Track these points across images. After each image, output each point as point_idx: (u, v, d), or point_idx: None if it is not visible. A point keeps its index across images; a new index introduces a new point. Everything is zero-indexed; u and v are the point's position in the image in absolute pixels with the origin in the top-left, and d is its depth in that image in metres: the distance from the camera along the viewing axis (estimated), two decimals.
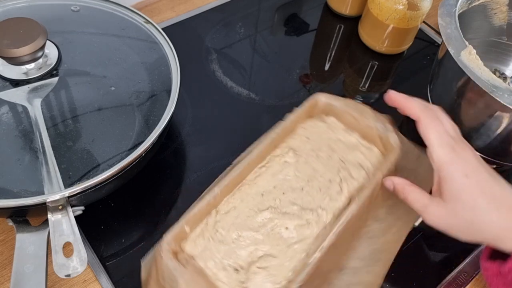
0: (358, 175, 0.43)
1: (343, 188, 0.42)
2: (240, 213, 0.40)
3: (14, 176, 0.38)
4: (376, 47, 0.62)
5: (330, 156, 0.44)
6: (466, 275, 0.45)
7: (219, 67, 0.59)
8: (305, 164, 0.43)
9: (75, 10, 0.50)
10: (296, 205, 0.41)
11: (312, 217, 0.40)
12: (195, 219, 0.38)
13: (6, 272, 0.41)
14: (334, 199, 0.42)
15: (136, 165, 0.40)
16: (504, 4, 0.53)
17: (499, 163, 0.49)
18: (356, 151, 0.45)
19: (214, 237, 0.38)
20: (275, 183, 0.42)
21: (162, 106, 0.43)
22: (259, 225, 0.40)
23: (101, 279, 0.41)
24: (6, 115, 0.41)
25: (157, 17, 0.64)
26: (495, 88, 0.39)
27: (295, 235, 0.39)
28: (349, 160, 0.44)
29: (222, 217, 0.39)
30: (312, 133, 0.46)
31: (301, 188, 0.42)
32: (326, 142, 0.45)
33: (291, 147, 0.44)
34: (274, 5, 0.68)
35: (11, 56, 0.41)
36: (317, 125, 0.46)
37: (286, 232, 0.40)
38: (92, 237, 0.43)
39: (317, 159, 0.44)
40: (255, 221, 0.40)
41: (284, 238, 0.39)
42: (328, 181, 0.43)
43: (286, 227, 0.40)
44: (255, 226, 0.39)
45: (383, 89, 0.60)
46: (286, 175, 0.43)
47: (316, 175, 0.43)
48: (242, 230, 0.39)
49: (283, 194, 0.41)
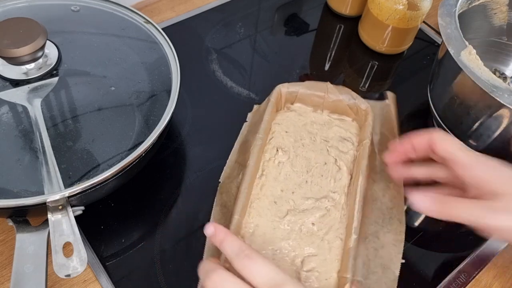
0: (346, 148, 0.45)
1: (340, 165, 0.44)
2: (265, 228, 0.40)
3: (14, 176, 0.38)
4: (376, 47, 0.62)
5: (313, 140, 0.46)
6: (466, 275, 0.45)
7: (219, 67, 0.59)
8: (296, 157, 0.44)
9: (75, 10, 0.50)
10: (310, 198, 0.42)
11: (328, 204, 0.42)
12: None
13: (6, 272, 0.41)
14: (338, 179, 0.43)
15: (136, 165, 0.40)
16: (504, 4, 0.53)
17: None
18: (333, 127, 0.47)
19: None
20: (281, 187, 0.43)
21: (162, 106, 0.43)
22: (288, 232, 0.40)
23: (101, 279, 0.41)
24: (6, 115, 0.41)
25: (157, 17, 0.64)
26: (495, 88, 0.39)
27: (322, 226, 0.40)
28: (331, 137, 0.46)
29: (250, 240, 0.40)
30: (287, 125, 0.47)
31: (305, 181, 0.43)
32: (304, 129, 0.47)
33: (277, 146, 0.45)
34: (274, 5, 0.68)
35: (11, 56, 0.41)
36: (288, 116, 0.48)
37: (314, 227, 0.41)
38: (92, 237, 0.43)
39: (304, 148, 0.45)
40: (281, 229, 0.40)
41: (315, 233, 0.40)
42: (324, 164, 0.44)
43: (312, 222, 0.41)
44: (285, 235, 0.40)
45: (383, 89, 0.60)
46: (286, 175, 0.43)
47: (311, 164, 0.44)
48: (274, 244, 0.39)
49: (292, 193, 0.42)
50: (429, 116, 0.56)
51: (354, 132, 0.47)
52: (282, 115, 0.48)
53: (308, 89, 0.48)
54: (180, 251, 0.43)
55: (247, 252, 0.32)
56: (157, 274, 0.42)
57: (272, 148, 0.45)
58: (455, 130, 0.49)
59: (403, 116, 0.57)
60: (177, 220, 0.45)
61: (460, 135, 0.48)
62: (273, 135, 0.46)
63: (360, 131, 0.47)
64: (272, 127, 0.47)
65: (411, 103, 0.58)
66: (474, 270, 0.45)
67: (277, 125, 0.47)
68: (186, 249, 0.43)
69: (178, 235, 0.44)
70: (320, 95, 0.47)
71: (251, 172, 0.41)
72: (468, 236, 0.47)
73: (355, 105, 0.47)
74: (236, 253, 0.32)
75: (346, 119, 0.48)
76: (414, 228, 0.47)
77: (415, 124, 0.57)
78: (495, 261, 0.46)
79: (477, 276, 0.45)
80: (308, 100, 0.48)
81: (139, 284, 0.41)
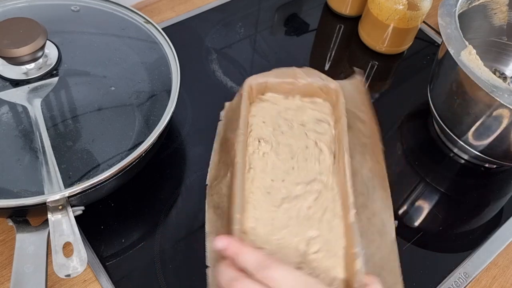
0: (323, 129, 0.46)
1: (321, 147, 0.45)
2: (264, 220, 0.40)
3: (14, 176, 0.38)
4: (376, 47, 0.62)
5: (290, 126, 0.46)
6: (466, 275, 0.45)
7: (219, 67, 0.59)
8: (279, 145, 0.45)
9: (75, 10, 0.50)
10: (300, 183, 0.43)
11: (319, 186, 0.43)
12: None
13: (6, 272, 0.41)
14: (322, 160, 0.44)
15: (136, 165, 0.40)
16: (504, 4, 0.53)
17: (499, 163, 0.49)
18: (307, 110, 0.48)
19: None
20: (270, 177, 0.43)
21: (162, 106, 0.43)
22: (286, 220, 0.41)
23: (101, 279, 0.41)
24: (6, 115, 0.41)
25: (157, 17, 0.64)
26: (495, 88, 0.39)
27: (317, 208, 0.41)
28: (306, 120, 0.47)
29: (253, 234, 0.40)
30: (263, 116, 0.47)
31: (292, 167, 0.44)
32: (279, 117, 0.47)
33: (258, 137, 0.46)
34: (274, 5, 0.68)
35: (11, 56, 0.41)
36: (262, 106, 0.48)
37: (310, 210, 0.41)
38: (92, 237, 0.43)
39: (284, 135, 0.46)
40: (280, 218, 0.41)
41: (312, 216, 0.41)
42: (306, 148, 0.45)
43: (307, 206, 0.41)
44: (284, 223, 0.40)
45: (383, 89, 0.60)
46: (273, 164, 0.44)
47: (294, 149, 0.45)
48: (277, 234, 0.40)
49: (283, 181, 0.43)
50: (429, 116, 0.56)
51: (327, 112, 0.48)
52: (256, 106, 0.48)
53: (277, 77, 0.49)
54: (180, 251, 0.43)
55: (267, 262, 0.31)
56: (157, 274, 0.42)
57: (254, 140, 0.45)
58: (455, 130, 0.49)
59: (403, 116, 0.57)
60: (177, 220, 0.45)
61: (460, 135, 0.48)
62: (252, 128, 0.46)
63: (334, 110, 0.48)
64: (249, 119, 0.47)
65: (411, 103, 0.58)
66: (474, 270, 0.45)
67: (253, 117, 0.47)
68: (186, 249, 0.43)
69: (178, 235, 0.44)
70: (290, 81, 0.48)
71: (241, 169, 0.42)
72: (468, 236, 0.48)
73: (325, 86, 0.48)
74: (255, 266, 0.31)
75: (317, 100, 0.49)
76: (414, 228, 0.47)
77: (415, 124, 0.57)
78: (495, 261, 0.46)
79: (477, 276, 0.45)
80: (279, 88, 0.49)
81: (139, 284, 0.41)
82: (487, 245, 0.47)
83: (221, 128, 0.51)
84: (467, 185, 0.52)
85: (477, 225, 0.49)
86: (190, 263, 0.42)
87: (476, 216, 0.49)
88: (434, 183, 0.51)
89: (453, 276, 0.44)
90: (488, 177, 0.52)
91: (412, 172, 0.52)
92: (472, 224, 0.49)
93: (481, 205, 0.50)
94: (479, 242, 0.47)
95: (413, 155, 0.53)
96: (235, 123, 0.46)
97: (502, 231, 0.48)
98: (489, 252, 0.46)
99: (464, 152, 0.52)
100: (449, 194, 0.51)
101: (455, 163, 0.53)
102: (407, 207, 0.49)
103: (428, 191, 0.51)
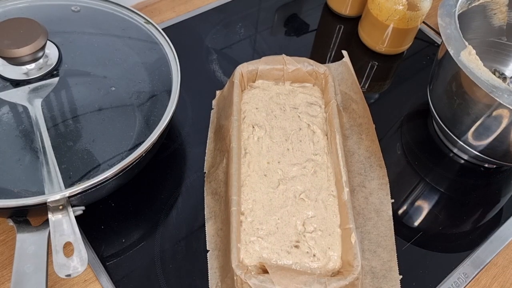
0: (315, 111, 0.48)
1: (314, 129, 0.47)
2: (262, 201, 0.42)
3: (15, 176, 0.39)
4: (376, 47, 0.62)
5: (283, 110, 0.48)
6: (466, 275, 0.45)
7: (219, 67, 0.59)
8: (272, 129, 0.46)
9: (75, 10, 0.51)
10: (295, 164, 0.44)
11: (313, 166, 0.44)
12: (238, 234, 0.39)
13: (7, 272, 0.41)
14: (315, 142, 0.46)
15: (136, 165, 0.41)
16: (504, 4, 0.53)
17: (498, 163, 0.49)
18: (298, 94, 0.50)
19: (260, 235, 0.40)
20: (266, 159, 0.44)
21: (162, 106, 0.43)
22: (284, 200, 0.42)
23: (102, 279, 0.41)
24: (7, 115, 0.41)
25: (158, 18, 0.64)
26: (495, 88, 0.39)
27: (313, 187, 0.43)
28: (298, 104, 0.49)
29: (251, 215, 0.41)
30: (255, 102, 0.49)
31: (287, 149, 0.45)
32: (271, 102, 0.49)
33: (252, 123, 0.47)
34: (274, 5, 0.68)
35: (11, 56, 0.41)
36: (253, 93, 0.50)
37: (306, 190, 0.42)
38: (92, 237, 0.43)
39: (277, 119, 0.47)
40: (277, 199, 0.42)
41: (308, 196, 0.42)
42: (299, 130, 0.47)
43: (303, 186, 0.43)
44: (281, 203, 0.42)
45: (383, 89, 0.60)
46: (268, 147, 0.45)
47: (287, 132, 0.46)
48: (275, 214, 0.41)
49: (278, 163, 0.44)
50: (429, 116, 0.56)
51: (318, 95, 0.50)
52: (247, 93, 0.49)
53: (267, 64, 0.50)
54: (180, 251, 0.43)
55: None
56: (157, 274, 0.42)
57: (248, 126, 0.46)
58: (455, 130, 0.49)
59: (403, 116, 0.57)
60: (177, 220, 0.45)
61: (459, 135, 0.49)
62: (245, 114, 0.47)
63: (324, 94, 0.50)
64: (242, 107, 0.48)
65: (411, 103, 0.59)
66: (474, 270, 0.45)
67: (246, 104, 0.48)
68: (186, 249, 0.43)
69: (178, 235, 0.44)
70: (279, 67, 0.50)
71: (236, 154, 0.43)
72: (468, 236, 0.48)
73: (314, 71, 0.50)
74: None
75: (307, 85, 0.51)
76: (414, 228, 0.48)
77: (415, 124, 0.57)
78: (495, 261, 0.46)
79: (477, 276, 0.45)
80: (269, 75, 0.50)
81: (139, 284, 0.41)
82: (487, 245, 0.47)
83: (213, 116, 0.52)
84: (467, 185, 0.52)
85: (476, 225, 0.49)
86: (190, 263, 0.43)
87: (475, 216, 0.49)
88: (433, 183, 0.51)
89: (453, 276, 0.44)
90: (487, 177, 0.52)
91: (412, 172, 0.52)
92: (471, 224, 0.49)
93: (481, 205, 0.50)
94: (479, 242, 0.47)
95: (413, 155, 0.53)
96: (227, 110, 0.47)
97: (502, 231, 0.48)
98: (488, 252, 0.46)
99: (463, 152, 0.52)
100: (449, 194, 0.51)
101: (455, 163, 0.53)
102: (407, 207, 0.49)
103: (427, 191, 0.51)
